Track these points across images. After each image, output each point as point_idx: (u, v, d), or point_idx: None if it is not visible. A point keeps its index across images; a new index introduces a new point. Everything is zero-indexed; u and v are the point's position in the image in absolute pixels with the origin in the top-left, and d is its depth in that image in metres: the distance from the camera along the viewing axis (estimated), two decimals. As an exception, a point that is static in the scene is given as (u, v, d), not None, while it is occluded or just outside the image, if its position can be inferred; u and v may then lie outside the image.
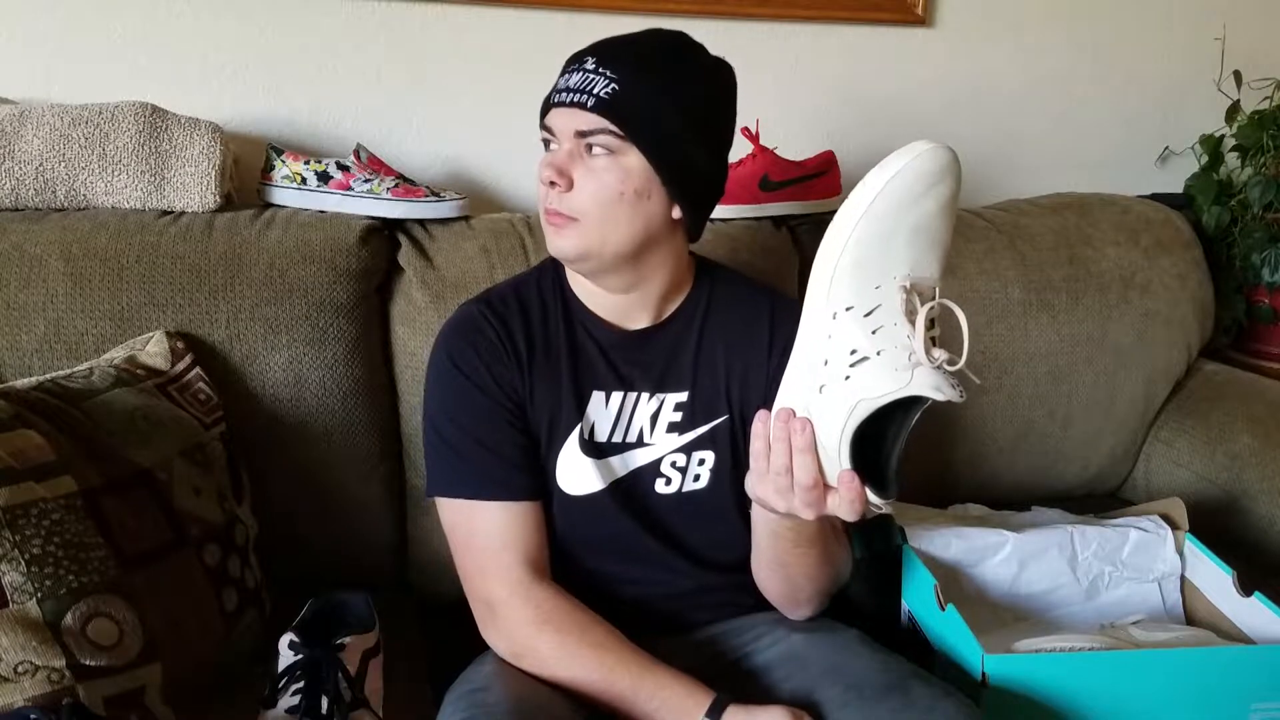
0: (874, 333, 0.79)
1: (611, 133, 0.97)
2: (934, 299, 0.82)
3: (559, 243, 1.01)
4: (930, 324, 0.80)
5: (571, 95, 0.97)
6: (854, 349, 0.79)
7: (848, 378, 0.79)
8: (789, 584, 1.04)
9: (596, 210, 0.98)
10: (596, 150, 0.98)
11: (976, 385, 0.76)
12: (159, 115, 1.33)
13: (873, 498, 0.80)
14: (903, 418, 0.82)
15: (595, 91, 0.96)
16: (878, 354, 0.78)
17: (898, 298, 0.79)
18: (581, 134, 0.97)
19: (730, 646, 1.10)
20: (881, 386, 0.77)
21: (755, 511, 0.99)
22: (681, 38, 1.04)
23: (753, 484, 0.88)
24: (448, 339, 1.08)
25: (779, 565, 1.02)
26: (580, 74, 0.98)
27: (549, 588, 1.01)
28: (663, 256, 1.05)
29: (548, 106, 1.01)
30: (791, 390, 0.84)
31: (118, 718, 0.90)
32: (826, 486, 0.83)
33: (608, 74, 0.97)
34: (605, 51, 0.99)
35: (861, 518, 0.82)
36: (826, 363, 0.81)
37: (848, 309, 0.80)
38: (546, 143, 1.02)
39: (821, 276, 0.82)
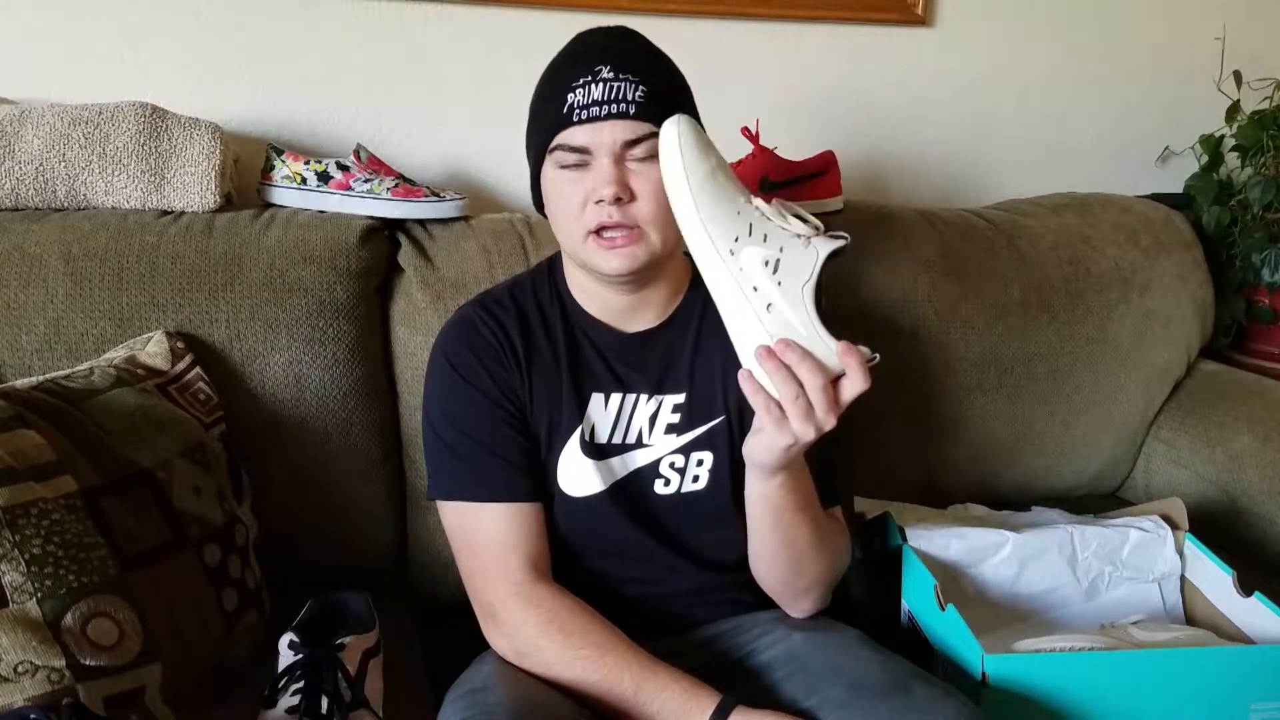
0: (765, 240, 0.90)
1: (656, 135, 0.96)
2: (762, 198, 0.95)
3: (620, 261, 0.99)
4: (779, 211, 0.92)
5: (607, 107, 0.96)
6: (766, 260, 0.90)
7: (779, 283, 0.89)
8: (791, 566, 1.04)
9: (660, 214, 0.98)
10: (642, 155, 0.97)
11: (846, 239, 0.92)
12: (159, 115, 1.33)
13: (866, 352, 0.89)
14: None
15: (631, 98, 0.96)
16: (781, 250, 0.90)
17: (755, 211, 0.91)
18: (630, 143, 0.97)
19: (731, 646, 1.10)
20: (805, 267, 0.89)
21: (752, 493, 0.99)
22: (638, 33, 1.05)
23: (770, 440, 0.90)
24: (445, 342, 1.08)
25: (782, 544, 1.01)
26: (602, 85, 0.96)
27: (551, 588, 1.01)
28: (676, 256, 1.06)
29: (563, 124, 0.97)
30: (746, 336, 0.91)
31: (118, 718, 0.90)
32: (833, 382, 0.88)
33: (631, 78, 0.96)
34: (612, 56, 0.98)
35: (869, 382, 0.88)
36: (755, 289, 0.90)
37: (735, 239, 0.90)
38: (579, 164, 0.98)
39: (699, 237, 0.91)
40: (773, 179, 1.49)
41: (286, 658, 1.00)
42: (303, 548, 1.28)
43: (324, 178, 1.38)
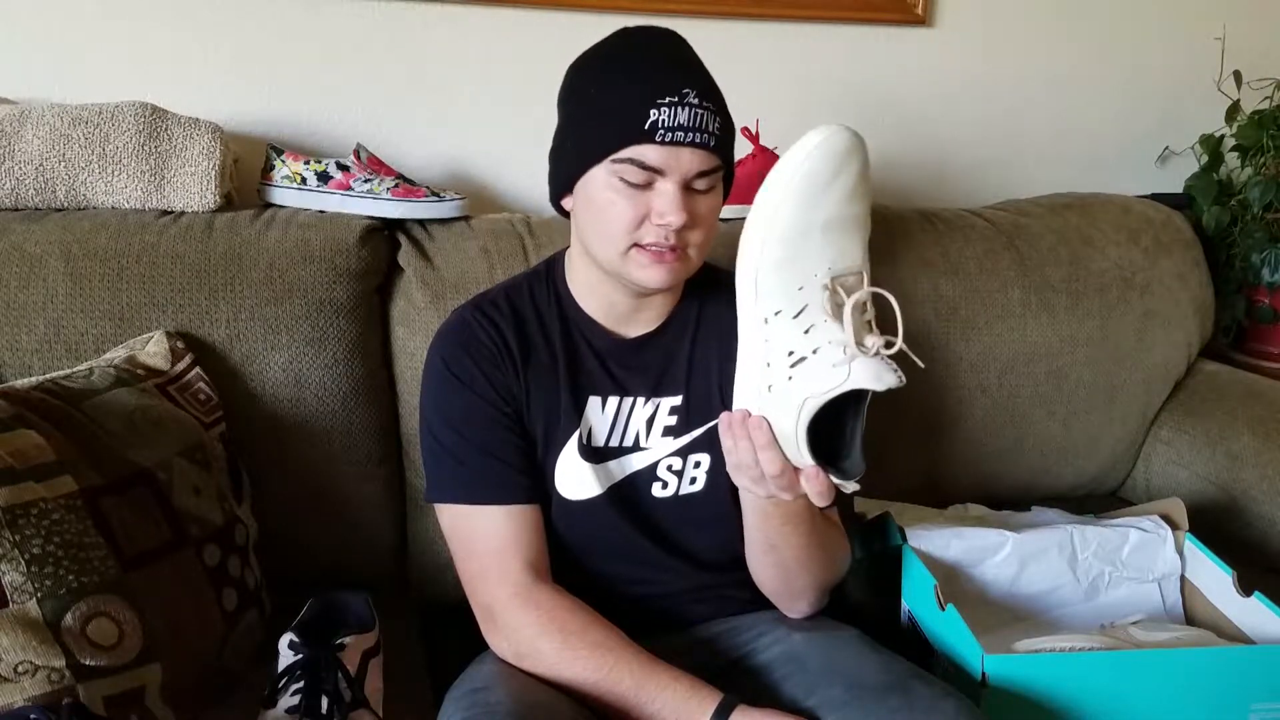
0: (806, 332, 0.80)
1: (720, 169, 0.98)
2: (862, 286, 0.82)
3: (661, 275, 0.98)
4: (863, 308, 0.81)
5: (692, 135, 0.94)
6: (790, 350, 0.81)
7: (790, 378, 0.81)
8: (782, 570, 1.04)
9: (705, 241, 1.00)
10: (705, 187, 0.97)
11: (921, 367, 0.80)
12: (159, 115, 1.33)
13: (839, 483, 0.84)
14: (856, 402, 0.84)
15: (711, 130, 0.95)
16: (814, 352, 0.80)
17: (822, 296, 0.80)
18: (703, 174, 0.96)
19: (730, 646, 1.10)
20: (824, 383, 0.79)
21: (742, 494, 1.00)
22: None
23: (732, 475, 0.94)
24: (442, 344, 1.07)
25: (770, 549, 1.02)
26: (687, 110, 0.93)
27: (550, 589, 1.01)
28: None
29: (642, 139, 0.93)
30: (743, 392, 0.88)
31: (118, 718, 0.90)
32: (796, 470, 0.87)
33: (710, 108, 0.95)
34: (697, 80, 0.96)
35: (834, 500, 0.86)
36: (769, 365, 0.83)
37: (776, 313, 0.82)
38: (643, 182, 0.95)
39: (745, 283, 0.84)
40: (773, 179, 1.48)
41: (286, 658, 1.00)
42: (303, 548, 1.28)
43: (324, 178, 1.38)
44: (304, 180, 1.39)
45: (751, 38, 1.66)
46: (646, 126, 0.93)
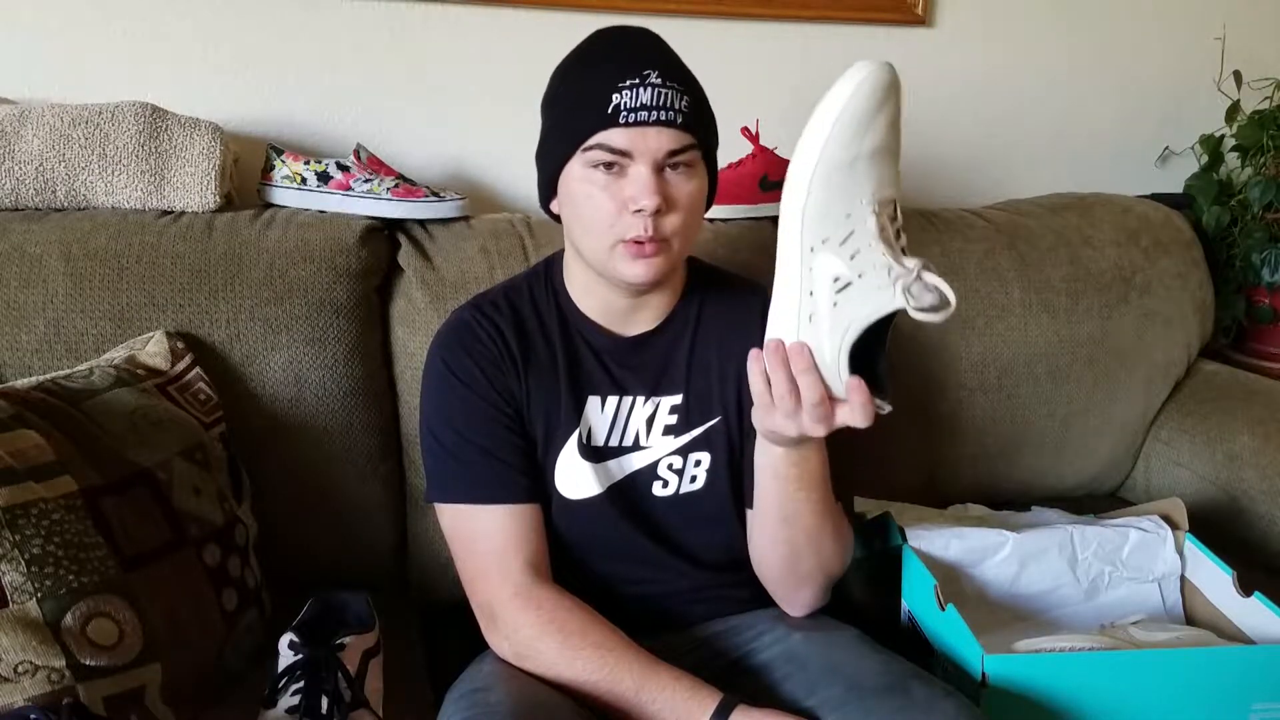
0: (852, 258, 0.82)
1: (694, 148, 0.96)
2: (896, 212, 0.85)
3: (644, 271, 0.98)
4: (898, 234, 0.83)
5: (656, 113, 0.93)
6: (836, 276, 0.83)
7: (835, 304, 0.83)
8: (792, 550, 1.03)
9: (689, 228, 0.99)
10: (680, 169, 0.97)
11: (951, 302, 0.81)
12: (159, 115, 1.33)
13: (877, 400, 0.84)
14: (882, 329, 0.85)
15: (678, 107, 0.94)
16: (859, 277, 0.82)
17: (869, 221, 0.82)
18: (674, 153, 0.95)
19: (730, 645, 1.10)
20: (869, 307, 0.81)
21: (759, 457, 0.98)
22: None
23: (760, 418, 0.91)
24: (442, 345, 1.07)
25: (784, 521, 1.00)
26: (650, 90, 0.94)
27: (551, 589, 1.01)
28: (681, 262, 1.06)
29: (606, 124, 0.94)
30: (780, 322, 0.87)
31: (118, 718, 0.90)
32: (832, 400, 0.86)
33: (677, 86, 0.95)
34: (659, 62, 0.96)
35: (870, 422, 0.85)
36: (812, 293, 0.84)
37: (824, 241, 0.83)
38: (614, 168, 0.96)
39: (792, 213, 0.84)
40: (772, 179, 1.48)
41: (286, 658, 1.00)
42: (303, 548, 1.28)
43: (324, 178, 1.38)
44: (304, 180, 1.39)
45: (751, 38, 1.66)
46: (610, 110, 0.94)
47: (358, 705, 0.99)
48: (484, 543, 1.02)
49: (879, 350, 0.86)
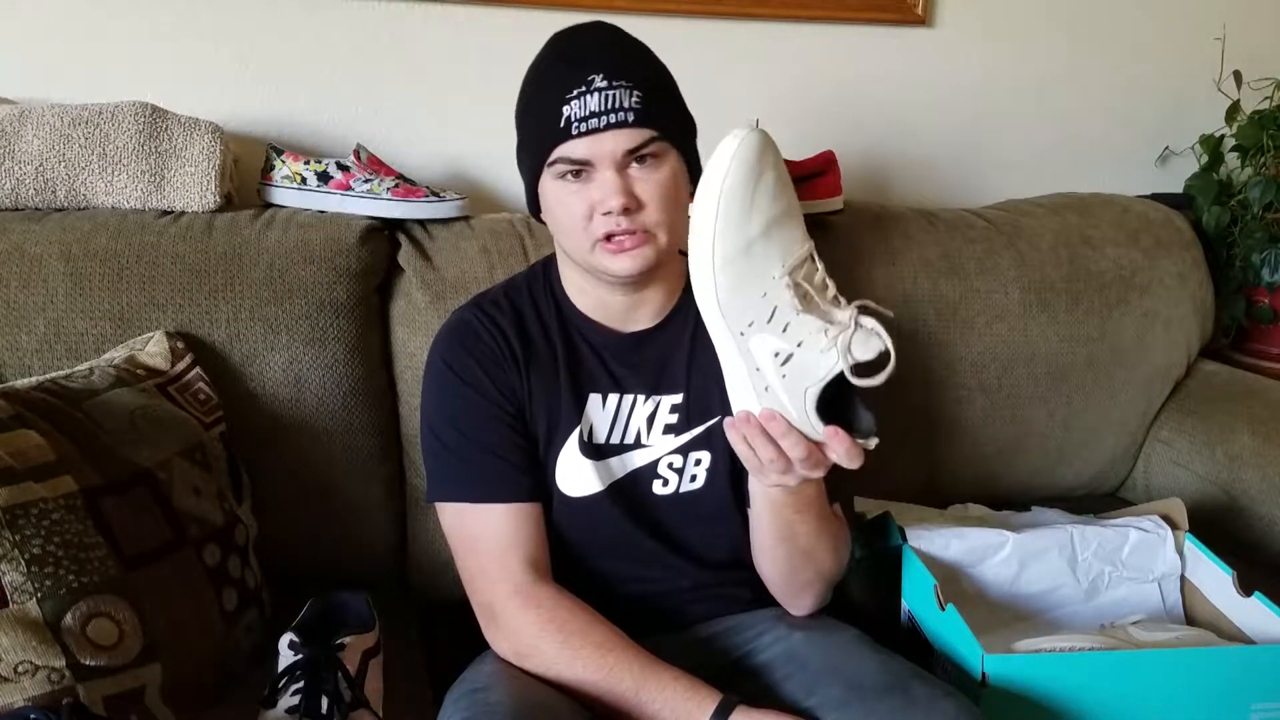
0: (785, 331, 0.82)
1: (657, 139, 0.97)
2: (815, 266, 0.84)
3: (628, 263, 0.98)
4: (824, 284, 0.83)
5: (605, 118, 0.94)
6: (776, 352, 0.83)
7: (784, 375, 0.83)
8: (789, 563, 1.04)
9: (666, 217, 0.98)
10: (647, 161, 0.97)
11: (890, 316, 0.82)
12: (159, 115, 1.33)
13: (862, 442, 0.85)
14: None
15: (627, 105, 0.95)
16: (799, 346, 0.82)
17: (786, 295, 0.82)
18: (632, 151, 0.96)
19: (730, 645, 1.10)
20: (818, 370, 0.82)
21: (753, 487, 1.00)
22: (618, 28, 1.03)
23: (756, 478, 0.94)
24: (443, 345, 1.08)
25: (783, 540, 1.01)
26: (596, 95, 0.95)
27: (551, 588, 1.01)
28: (675, 255, 1.06)
29: (561, 138, 0.96)
30: (739, 398, 0.88)
31: (118, 718, 0.90)
32: (818, 444, 0.87)
33: (625, 84, 0.95)
34: (603, 63, 0.97)
35: (860, 463, 0.87)
36: (758, 370, 0.85)
37: (750, 324, 0.83)
38: (580, 176, 0.97)
39: (710, 308, 0.85)
40: (772, 179, 1.48)
41: (286, 658, 1.00)
42: (303, 548, 1.28)
43: (324, 178, 1.38)
44: (304, 180, 1.39)
45: (751, 38, 1.66)
46: (562, 125, 0.96)
47: (358, 705, 0.99)
48: (485, 541, 1.02)
49: (850, 391, 0.86)
